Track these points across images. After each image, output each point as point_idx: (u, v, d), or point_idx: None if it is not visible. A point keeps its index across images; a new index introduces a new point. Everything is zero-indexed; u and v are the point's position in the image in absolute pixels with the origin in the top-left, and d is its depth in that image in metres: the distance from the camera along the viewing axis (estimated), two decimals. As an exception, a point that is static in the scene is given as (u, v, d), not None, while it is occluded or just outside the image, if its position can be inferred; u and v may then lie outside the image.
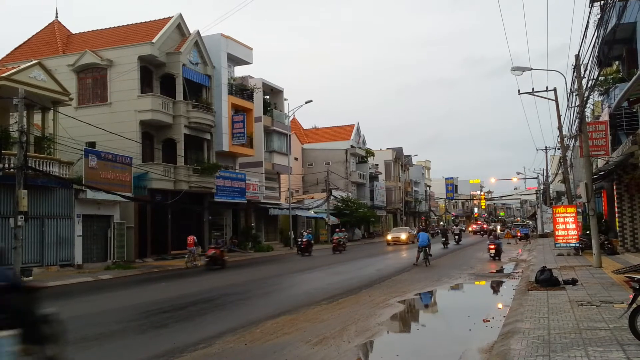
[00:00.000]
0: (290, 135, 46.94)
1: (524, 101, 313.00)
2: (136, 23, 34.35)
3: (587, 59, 17.61)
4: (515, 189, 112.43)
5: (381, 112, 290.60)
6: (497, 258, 25.35)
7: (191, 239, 26.91)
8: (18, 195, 19.77)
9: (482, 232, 60.91)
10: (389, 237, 44.86)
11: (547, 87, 26.72)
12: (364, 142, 68.66)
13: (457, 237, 42.16)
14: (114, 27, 34.93)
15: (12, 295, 5.52)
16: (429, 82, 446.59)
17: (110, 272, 23.20)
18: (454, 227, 47.25)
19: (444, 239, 37.87)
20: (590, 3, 20.57)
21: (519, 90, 26.68)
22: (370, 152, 68.63)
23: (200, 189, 32.48)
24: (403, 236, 43.29)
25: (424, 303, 14.32)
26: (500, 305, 12.27)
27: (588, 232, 22.48)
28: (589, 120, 24.80)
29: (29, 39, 34.67)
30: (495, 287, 16.65)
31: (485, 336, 9.05)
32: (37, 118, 25.78)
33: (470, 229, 77.80)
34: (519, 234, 44.55)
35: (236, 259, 31.68)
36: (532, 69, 22.79)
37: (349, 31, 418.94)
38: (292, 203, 44.15)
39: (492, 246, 25.63)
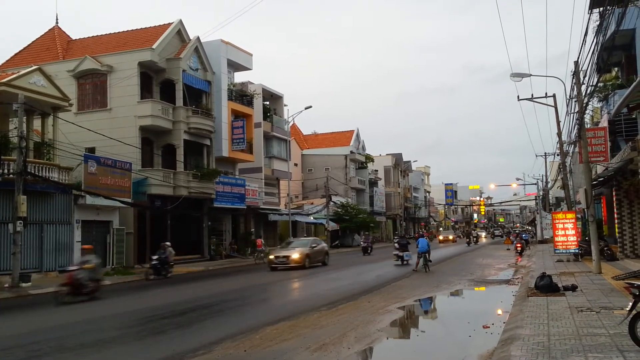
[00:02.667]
0: (289, 141, 47.01)
1: (524, 108, 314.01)
2: (136, 29, 34.44)
3: (587, 66, 17.66)
4: (515, 194, 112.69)
5: (381, 118, 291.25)
6: (522, 253, 32.67)
7: (259, 241, 34.05)
8: (17, 201, 19.76)
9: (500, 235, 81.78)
10: (272, 256, 26.85)
11: (546, 94, 26.83)
12: (363, 148, 68.74)
13: (475, 239, 56.37)
14: (114, 33, 35.00)
15: (407, 241, 29.43)
16: (428, 88, 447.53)
17: (109, 278, 23.08)
18: (473, 231, 64.74)
19: (467, 240, 53.42)
20: (589, 9, 20.65)
21: (518, 97, 26.73)
22: (369, 158, 68.71)
23: (200, 194, 32.48)
24: (295, 255, 25.80)
25: (423, 309, 14.29)
26: (500, 312, 12.25)
27: (587, 238, 22.47)
28: (588, 126, 24.83)
29: (29, 45, 34.73)
30: (495, 293, 16.61)
31: (485, 342, 9.03)
32: (36, 123, 25.78)
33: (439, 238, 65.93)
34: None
35: (235, 264, 31.66)
36: (531, 75, 22.85)
37: (348, 37, 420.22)
38: (291, 209, 44.13)
39: (519, 245, 33.96)
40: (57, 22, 35.57)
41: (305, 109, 42.54)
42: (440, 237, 63.76)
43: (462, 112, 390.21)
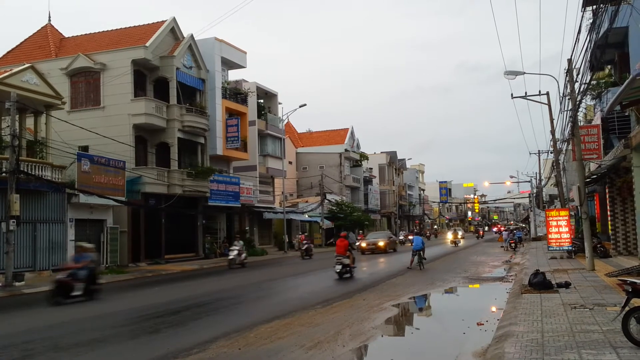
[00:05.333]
0: (284, 139, 46.95)
1: (518, 106, 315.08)
2: (130, 27, 34.26)
3: (580, 63, 17.71)
4: (509, 192, 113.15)
5: (375, 116, 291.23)
6: (515, 249, 34.91)
7: (302, 237, 38.02)
8: (10, 200, 19.66)
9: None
10: None
11: (539, 92, 26.91)
12: (358, 146, 68.72)
13: (482, 234, 66.42)
14: (108, 30, 34.82)
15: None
16: (423, 87, 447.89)
17: (103, 277, 22.99)
18: (479, 228, 73.13)
19: (476, 235, 66.36)
20: (582, 7, 20.72)
21: (512, 95, 26.86)
22: (364, 156, 68.69)
23: (194, 192, 32.40)
24: None
25: (418, 307, 14.32)
26: (494, 309, 12.29)
27: (581, 235, 22.56)
28: (582, 124, 24.93)
29: (21, 43, 34.52)
30: (489, 290, 16.65)
31: (479, 339, 9.06)
32: (29, 122, 25.66)
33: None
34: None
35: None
36: (524, 72, 22.95)
37: (343, 36, 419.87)
38: (286, 207, 44.09)
39: (512, 241, 36.09)
40: (49, 20, 35.38)
41: (300, 107, 42.51)
42: (363, 244, 37.37)
43: (456, 111, 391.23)
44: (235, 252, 28.17)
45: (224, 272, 24.82)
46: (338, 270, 19.74)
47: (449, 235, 68.35)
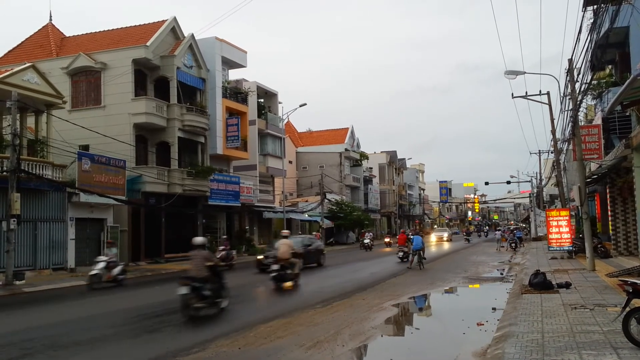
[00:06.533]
0: (284, 139, 46.94)
1: (518, 106, 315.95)
2: (130, 26, 34.27)
3: (581, 63, 17.69)
4: (509, 192, 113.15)
5: (375, 116, 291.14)
6: (515, 248, 35.10)
7: (317, 235, 40.25)
8: (11, 199, 19.67)
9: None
10: None
11: (540, 91, 26.87)
12: (358, 146, 68.72)
13: (485, 233, 71.14)
14: (108, 30, 34.83)
15: (470, 232, 64.64)
16: (423, 86, 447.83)
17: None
18: (483, 227, 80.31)
19: (479, 234, 70.69)
20: (583, 7, 20.69)
21: (512, 94, 26.85)
22: (364, 156, 68.67)
23: (194, 192, 32.39)
24: None
25: (418, 306, 14.31)
26: (494, 309, 12.28)
27: (581, 235, 22.55)
28: (582, 124, 24.91)
29: (22, 42, 34.53)
30: (489, 290, 16.65)
31: (479, 340, 9.05)
32: (30, 121, 25.67)
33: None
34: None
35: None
36: (525, 72, 22.94)
37: (343, 35, 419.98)
38: (286, 206, 44.08)
39: (513, 242, 36.20)
40: (50, 19, 35.39)
41: (300, 106, 42.47)
42: (260, 257, 26.15)
43: (457, 110, 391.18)
44: (102, 265, 18.65)
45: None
46: (400, 256, 26.07)
47: (433, 238, 56.70)
